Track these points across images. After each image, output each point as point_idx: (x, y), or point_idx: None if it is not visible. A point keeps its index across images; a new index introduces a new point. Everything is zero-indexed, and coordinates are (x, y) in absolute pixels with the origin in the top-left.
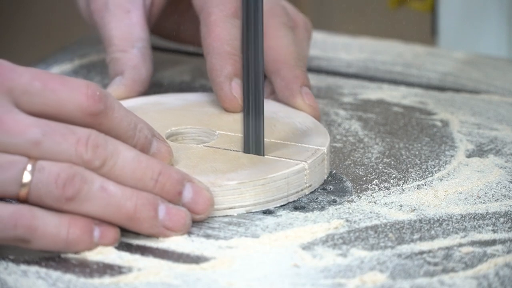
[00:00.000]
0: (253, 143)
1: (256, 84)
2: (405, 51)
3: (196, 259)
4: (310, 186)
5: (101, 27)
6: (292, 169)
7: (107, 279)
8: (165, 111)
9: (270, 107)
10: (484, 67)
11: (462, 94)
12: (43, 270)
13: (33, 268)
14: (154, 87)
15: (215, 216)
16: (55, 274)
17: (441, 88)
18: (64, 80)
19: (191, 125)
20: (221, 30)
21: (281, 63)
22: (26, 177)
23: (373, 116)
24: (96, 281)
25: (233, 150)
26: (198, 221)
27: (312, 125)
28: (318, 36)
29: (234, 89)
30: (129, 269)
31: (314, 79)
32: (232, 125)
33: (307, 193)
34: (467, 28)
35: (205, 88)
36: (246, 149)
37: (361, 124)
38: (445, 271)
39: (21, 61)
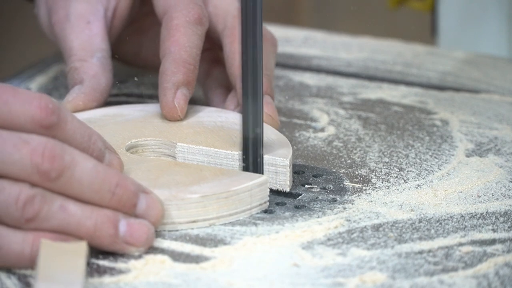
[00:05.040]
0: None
1: (255, 92)
2: (405, 50)
3: (196, 259)
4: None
5: (62, 38)
6: (255, 182)
7: (107, 279)
8: (124, 123)
9: (231, 118)
10: (484, 67)
11: (462, 94)
12: None
13: None
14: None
15: (177, 230)
16: None
17: (441, 88)
18: (16, 92)
19: (151, 136)
20: (181, 36)
21: None
22: None
23: (373, 116)
24: (96, 281)
25: (194, 162)
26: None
27: (274, 136)
28: (318, 36)
29: (177, 98)
30: (129, 269)
31: (314, 79)
32: (193, 137)
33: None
34: (467, 28)
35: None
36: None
37: (361, 124)
38: (445, 270)
39: (22, 61)
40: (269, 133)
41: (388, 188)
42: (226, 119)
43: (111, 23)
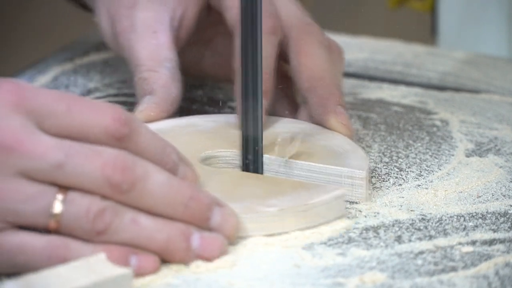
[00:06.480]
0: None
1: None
2: (405, 50)
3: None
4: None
5: (128, 48)
6: (332, 195)
7: None
8: (197, 134)
9: (306, 129)
10: (484, 67)
11: (462, 94)
12: None
13: None
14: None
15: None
16: None
17: (441, 88)
18: (89, 102)
19: (225, 148)
20: None
21: (317, 80)
22: (57, 209)
23: (373, 116)
24: None
25: (268, 173)
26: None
27: (349, 147)
28: None
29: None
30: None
31: None
32: (265, 147)
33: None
34: (467, 28)
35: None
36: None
37: (361, 124)
38: (445, 270)
39: (22, 61)
40: (344, 143)
41: (388, 188)
42: (301, 130)
43: (177, 33)
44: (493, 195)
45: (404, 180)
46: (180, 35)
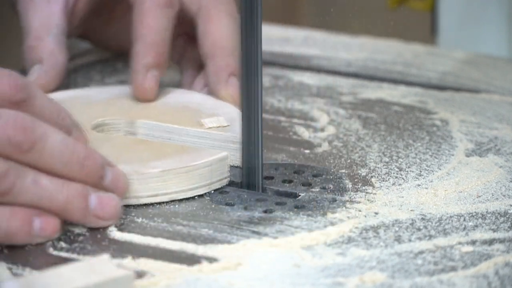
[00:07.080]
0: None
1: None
2: (405, 50)
3: (197, 259)
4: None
5: (24, 18)
6: (215, 157)
7: None
8: (91, 104)
9: (196, 99)
10: (484, 67)
11: (462, 94)
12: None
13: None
14: None
15: (138, 205)
16: None
17: (441, 88)
18: None
19: (117, 116)
20: (151, 19)
21: (217, 48)
22: None
23: (373, 115)
24: None
25: (157, 140)
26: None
27: (237, 116)
28: (318, 36)
29: (148, 80)
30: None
31: (314, 78)
32: (158, 117)
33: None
34: (467, 28)
35: None
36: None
37: (361, 123)
38: (444, 270)
39: (21, 61)
40: (232, 112)
41: (388, 188)
42: (192, 99)
43: (74, 4)
44: (493, 195)
45: (404, 180)
46: (78, 4)
